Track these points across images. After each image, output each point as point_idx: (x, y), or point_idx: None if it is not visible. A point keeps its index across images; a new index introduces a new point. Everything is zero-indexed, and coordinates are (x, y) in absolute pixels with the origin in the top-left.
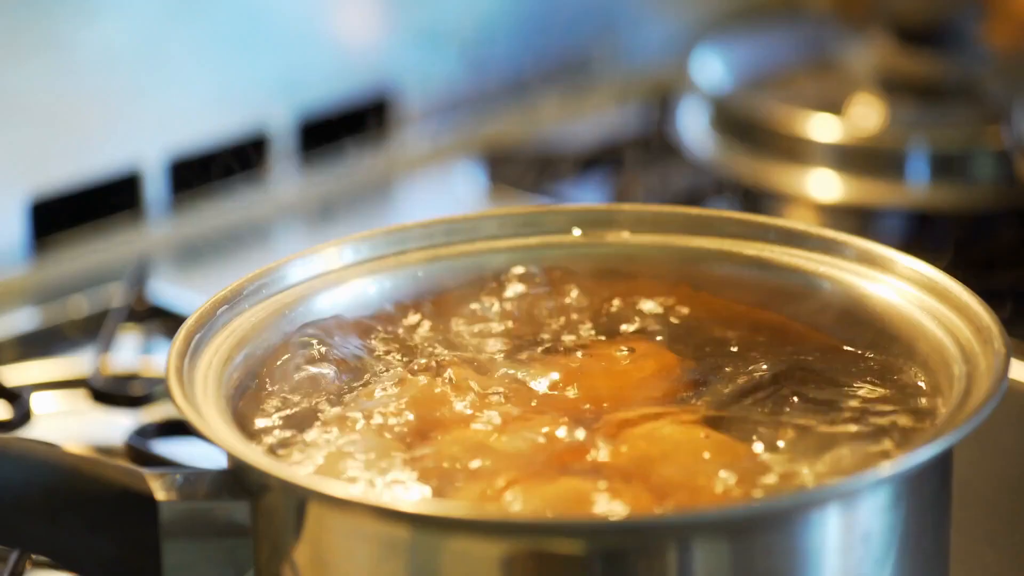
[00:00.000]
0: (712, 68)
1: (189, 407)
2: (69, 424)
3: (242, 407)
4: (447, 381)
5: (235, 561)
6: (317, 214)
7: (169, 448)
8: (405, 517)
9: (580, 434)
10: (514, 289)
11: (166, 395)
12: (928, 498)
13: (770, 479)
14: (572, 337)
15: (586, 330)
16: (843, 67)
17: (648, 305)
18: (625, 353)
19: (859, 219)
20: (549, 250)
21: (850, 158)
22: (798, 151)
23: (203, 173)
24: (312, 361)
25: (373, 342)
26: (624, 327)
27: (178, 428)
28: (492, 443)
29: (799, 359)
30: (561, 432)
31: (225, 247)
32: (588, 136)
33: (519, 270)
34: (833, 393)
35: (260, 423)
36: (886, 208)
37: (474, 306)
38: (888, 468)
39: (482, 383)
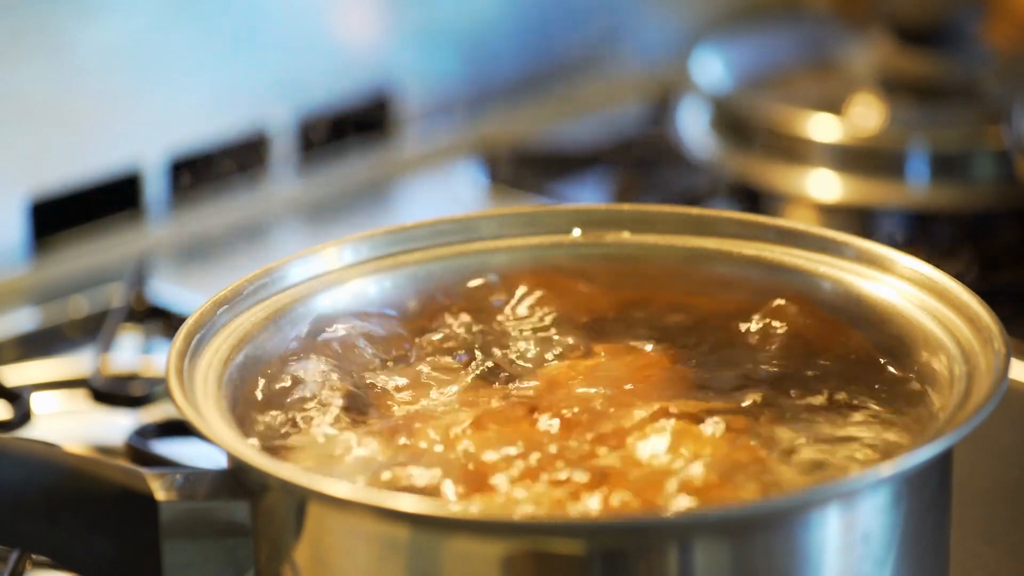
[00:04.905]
0: (712, 68)
1: (189, 407)
2: (69, 424)
3: (242, 407)
4: (445, 383)
5: (235, 561)
6: (317, 214)
7: (169, 448)
8: (405, 517)
9: (577, 436)
10: (513, 292)
11: (166, 395)
12: (928, 498)
13: (769, 479)
14: (569, 341)
15: (584, 334)
16: (843, 67)
17: (647, 307)
18: (625, 356)
19: (859, 219)
20: (549, 250)
21: (850, 158)
22: (798, 151)
23: (203, 173)
24: (313, 362)
25: (374, 343)
26: (625, 331)
27: (178, 428)
28: (489, 444)
29: (798, 359)
30: (557, 434)
31: (225, 247)
32: (588, 136)
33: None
34: (832, 393)
35: (260, 422)
36: (886, 208)
37: (474, 308)
38: (888, 468)
39: (480, 385)
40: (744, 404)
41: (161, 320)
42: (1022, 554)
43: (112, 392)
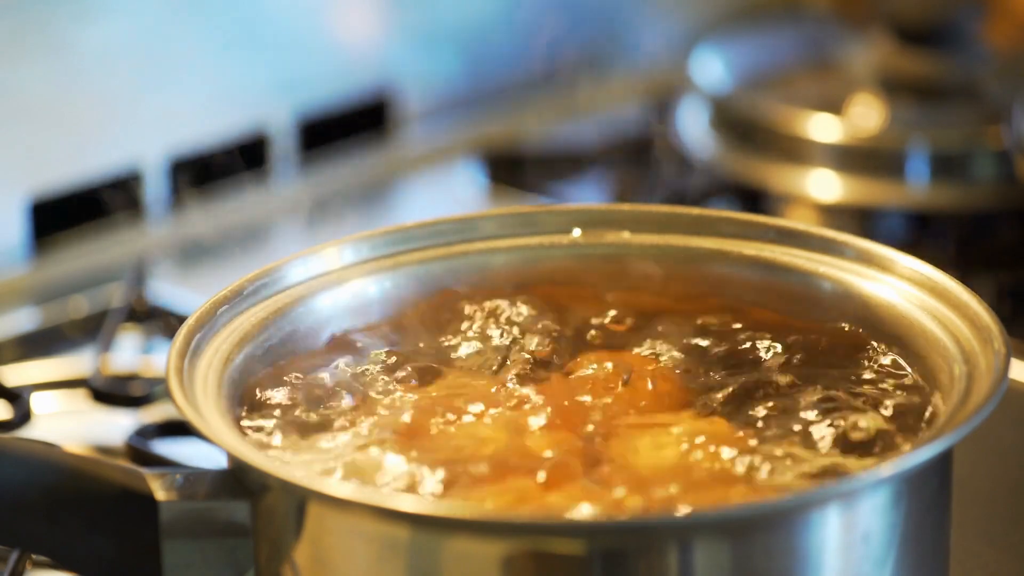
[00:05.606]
0: (712, 68)
1: (189, 407)
2: (69, 424)
3: (242, 407)
4: (448, 388)
5: (235, 561)
6: (317, 214)
7: (169, 448)
8: (405, 517)
9: (575, 436)
10: (511, 299)
11: (166, 395)
12: (928, 498)
13: (769, 479)
14: (568, 342)
15: (582, 340)
16: (843, 67)
17: (647, 307)
18: (624, 357)
19: (859, 219)
20: (549, 250)
21: (850, 158)
22: (798, 151)
23: (203, 173)
24: (313, 364)
25: (375, 346)
26: (625, 332)
27: (178, 428)
28: (487, 449)
29: (798, 360)
30: (557, 439)
31: (225, 247)
32: (588, 136)
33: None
34: (832, 394)
35: (260, 423)
36: (886, 208)
37: (472, 314)
38: (888, 468)
39: (481, 392)
40: (744, 405)
41: (161, 320)
42: (1022, 554)
43: (112, 392)
